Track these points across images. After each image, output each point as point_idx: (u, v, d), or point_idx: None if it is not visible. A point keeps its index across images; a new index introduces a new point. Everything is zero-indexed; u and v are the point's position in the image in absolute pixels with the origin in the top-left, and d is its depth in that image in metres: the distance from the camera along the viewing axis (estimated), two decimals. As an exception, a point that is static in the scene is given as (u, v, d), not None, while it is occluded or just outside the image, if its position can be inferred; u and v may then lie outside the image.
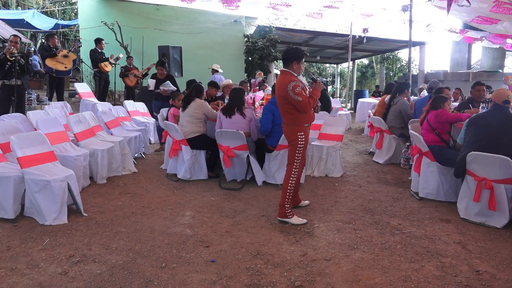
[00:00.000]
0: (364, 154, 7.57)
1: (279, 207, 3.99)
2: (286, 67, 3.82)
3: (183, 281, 2.84)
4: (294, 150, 3.86)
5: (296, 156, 3.87)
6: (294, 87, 3.66)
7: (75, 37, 16.63)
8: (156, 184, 5.36)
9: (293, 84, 3.66)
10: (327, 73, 30.21)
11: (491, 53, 17.34)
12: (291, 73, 3.80)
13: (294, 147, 3.86)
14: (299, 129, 3.83)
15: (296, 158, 3.87)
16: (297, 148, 3.85)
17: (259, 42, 13.69)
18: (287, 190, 3.91)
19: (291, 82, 3.68)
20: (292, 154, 3.89)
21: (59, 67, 8.69)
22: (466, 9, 8.45)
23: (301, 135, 3.83)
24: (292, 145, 3.88)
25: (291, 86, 3.66)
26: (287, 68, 3.81)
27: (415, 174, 5.00)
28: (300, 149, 3.85)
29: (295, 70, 3.81)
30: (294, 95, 3.66)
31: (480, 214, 3.98)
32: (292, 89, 3.66)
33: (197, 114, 5.50)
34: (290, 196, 3.94)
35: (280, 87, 3.77)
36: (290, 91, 3.67)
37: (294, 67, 3.80)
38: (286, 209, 3.93)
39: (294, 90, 3.66)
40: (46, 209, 3.82)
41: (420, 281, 2.85)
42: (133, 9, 12.72)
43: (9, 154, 4.37)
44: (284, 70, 3.84)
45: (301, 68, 3.86)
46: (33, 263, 3.06)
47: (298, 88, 3.67)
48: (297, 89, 3.66)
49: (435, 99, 5.02)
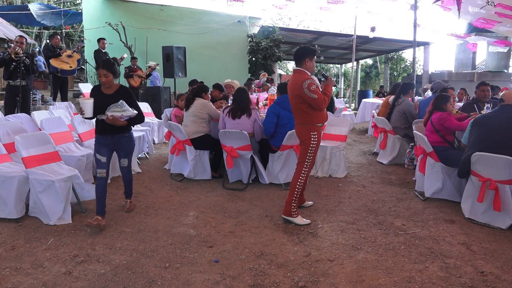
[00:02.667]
0: (368, 154, 7.55)
1: (285, 204, 3.96)
2: (299, 65, 3.80)
3: (187, 281, 2.84)
4: (306, 150, 3.84)
5: (307, 156, 3.85)
6: (310, 85, 3.64)
7: (80, 38, 16.70)
8: (159, 184, 5.37)
9: (309, 82, 3.65)
10: (331, 74, 30.15)
11: (496, 53, 17.26)
12: (305, 71, 3.78)
13: (306, 146, 3.84)
14: (313, 129, 3.82)
15: (308, 158, 3.86)
16: (309, 148, 3.83)
17: (263, 42, 13.70)
18: (295, 189, 3.90)
19: (307, 80, 3.66)
20: (304, 153, 3.86)
21: (64, 67, 8.74)
22: (472, 10, 8.43)
23: (314, 134, 3.81)
24: (305, 144, 3.85)
25: (307, 84, 3.65)
26: (300, 66, 3.80)
27: (419, 175, 4.99)
28: (312, 149, 3.84)
29: (308, 68, 3.80)
30: (310, 93, 3.65)
31: (485, 214, 3.96)
32: (308, 86, 3.64)
33: (201, 114, 5.50)
34: (298, 195, 3.93)
35: (295, 85, 3.75)
36: (305, 89, 3.65)
37: (307, 64, 3.78)
38: (292, 207, 3.92)
39: (309, 88, 3.64)
40: (51, 209, 3.83)
41: (424, 282, 2.84)
42: (137, 10, 12.77)
43: (14, 154, 4.39)
44: (297, 69, 3.82)
45: (313, 65, 3.86)
46: (38, 263, 3.07)
47: (314, 86, 3.66)
48: (312, 86, 3.65)
49: (437, 99, 4.99)
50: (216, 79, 7.40)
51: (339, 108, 9.22)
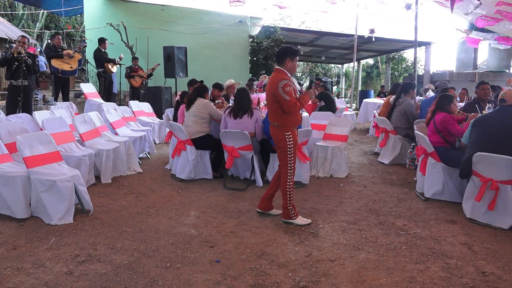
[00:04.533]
0: (369, 154, 7.54)
1: (282, 209, 3.98)
2: (280, 65, 3.79)
3: (188, 281, 2.84)
4: (285, 152, 3.82)
5: (288, 158, 3.83)
6: (285, 86, 3.63)
7: (81, 38, 16.72)
8: (161, 184, 5.37)
9: (285, 83, 3.64)
10: (332, 74, 30.12)
11: (497, 53, 17.23)
12: (284, 71, 3.77)
13: (283, 149, 3.81)
14: (287, 129, 3.80)
15: (289, 160, 3.84)
16: (288, 150, 3.81)
17: (264, 43, 13.70)
18: (287, 192, 3.90)
19: (283, 80, 3.65)
20: (284, 156, 3.84)
21: (64, 67, 8.74)
22: (465, 8, 8.41)
23: (288, 135, 3.79)
24: (281, 147, 3.83)
25: (282, 84, 3.63)
26: (281, 66, 3.79)
27: (420, 175, 4.98)
28: (291, 150, 3.81)
29: (289, 69, 3.79)
30: (283, 94, 3.63)
31: (487, 214, 3.95)
32: (283, 87, 3.62)
33: (202, 114, 5.51)
34: (292, 197, 3.93)
35: (272, 84, 3.75)
36: (280, 89, 3.63)
37: (288, 65, 3.77)
38: (289, 210, 3.93)
39: (284, 88, 3.62)
40: (52, 208, 3.84)
41: (425, 282, 2.83)
42: (139, 10, 12.77)
43: (15, 154, 4.40)
44: (277, 68, 3.81)
45: (295, 66, 3.85)
46: (39, 263, 3.07)
47: (289, 87, 3.64)
48: (287, 88, 3.63)
49: (440, 99, 4.96)
50: (217, 79, 7.39)
51: (340, 108, 9.23)
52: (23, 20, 17.26)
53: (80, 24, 19.10)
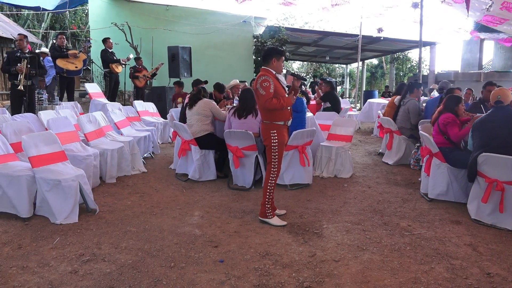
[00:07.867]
0: (374, 154, 7.52)
1: (261, 206, 4.01)
2: (266, 65, 3.88)
3: (192, 281, 2.84)
4: (270, 150, 3.90)
5: (272, 156, 3.89)
6: (263, 81, 3.74)
7: (86, 38, 16.79)
8: (165, 184, 5.38)
9: (263, 78, 3.76)
10: (337, 74, 30.09)
11: (503, 53, 17.13)
12: (270, 70, 3.86)
13: (269, 147, 3.90)
14: (272, 127, 3.86)
15: (274, 158, 3.89)
16: (272, 148, 3.88)
17: (268, 42, 13.70)
18: (267, 190, 3.95)
19: (263, 76, 3.77)
20: (269, 154, 3.92)
21: (69, 67, 8.78)
22: (478, 8, 8.36)
23: (273, 133, 3.85)
24: (267, 145, 3.92)
25: (261, 79, 3.76)
26: (267, 66, 3.87)
27: (425, 175, 4.96)
28: (275, 148, 3.87)
29: (275, 68, 3.87)
30: (260, 88, 3.74)
31: (491, 215, 3.93)
32: (261, 82, 3.75)
33: (204, 112, 5.52)
34: (271, 196, 3.97)
35: (255, 81, 3.86)
36: (258, 83, 3.76)
37: (274, 64, 3.85)
38: (266, 209, 3.95)
39: (262, 83, 3.74)
40: (57, 208, 3.86)
41: (429, 283, 2.82)
42: (143, 10, 12.81)
43: (21, 153, 4.42)
44: (263, 68, 3.90)
45: (281, 65, 3.92)
46: (44, 262, 3.09)
47: (267, 83, 3.73)
48: (265, 83, 3.73)
49: (448, 99, 4.91)
50: (222, 79, 7.39)
51: (344, 108, 9.21)
52: (29, 20, 17.34)
53: (85, 24, 19.19)
